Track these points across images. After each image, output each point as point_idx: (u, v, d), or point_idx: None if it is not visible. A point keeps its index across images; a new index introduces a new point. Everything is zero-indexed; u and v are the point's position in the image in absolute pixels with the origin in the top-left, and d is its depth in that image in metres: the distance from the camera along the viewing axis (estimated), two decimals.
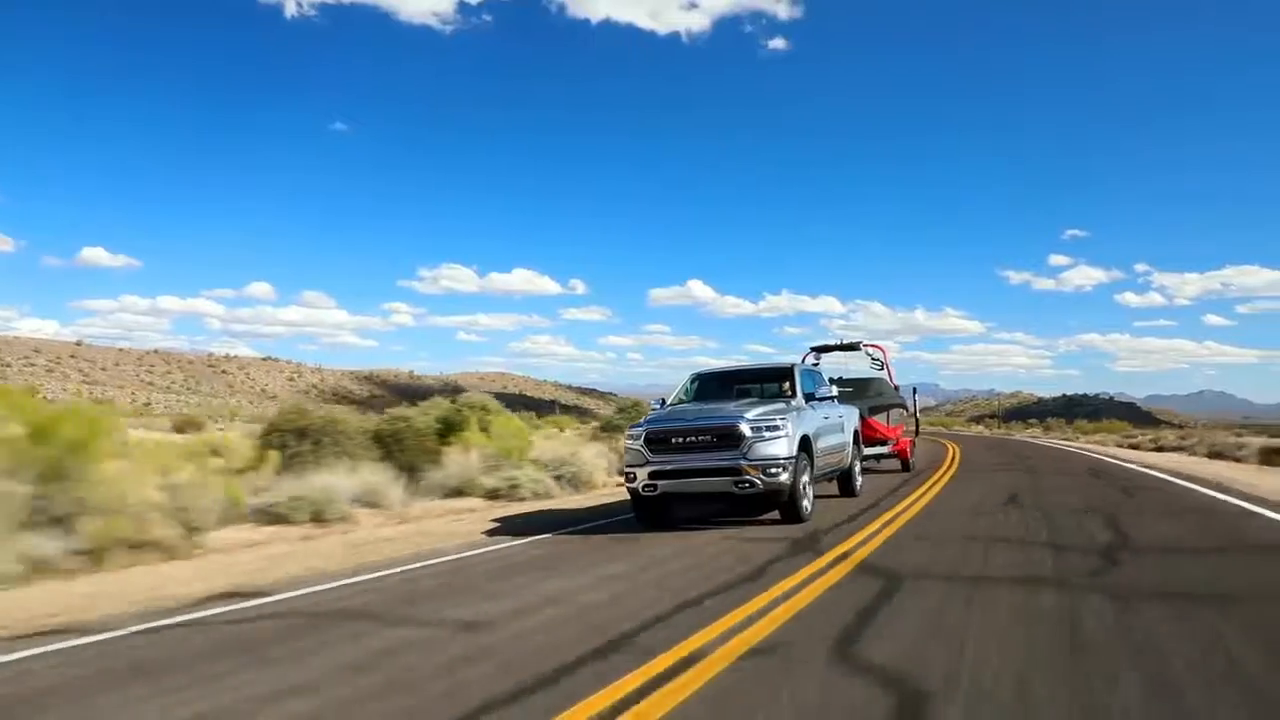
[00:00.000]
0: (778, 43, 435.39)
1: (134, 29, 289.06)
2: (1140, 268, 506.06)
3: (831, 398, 10.52)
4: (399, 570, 6.75)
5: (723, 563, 6.34)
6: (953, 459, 20.25)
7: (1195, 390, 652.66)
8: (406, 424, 19.48)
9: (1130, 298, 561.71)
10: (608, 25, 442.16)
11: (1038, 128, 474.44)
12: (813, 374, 11.30)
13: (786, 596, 4.92)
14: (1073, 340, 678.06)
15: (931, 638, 3.93)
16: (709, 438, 8.60)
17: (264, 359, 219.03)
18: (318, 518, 10.92)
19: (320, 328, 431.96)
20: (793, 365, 10.75)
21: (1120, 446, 32.28)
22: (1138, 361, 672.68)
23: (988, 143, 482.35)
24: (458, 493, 14.12)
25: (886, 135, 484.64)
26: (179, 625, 4.95)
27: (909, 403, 18.16)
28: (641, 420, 9.65)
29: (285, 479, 12.31)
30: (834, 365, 17.62)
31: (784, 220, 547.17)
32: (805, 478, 8.86)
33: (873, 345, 18.27)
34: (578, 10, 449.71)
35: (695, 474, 8.58)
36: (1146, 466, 17.61)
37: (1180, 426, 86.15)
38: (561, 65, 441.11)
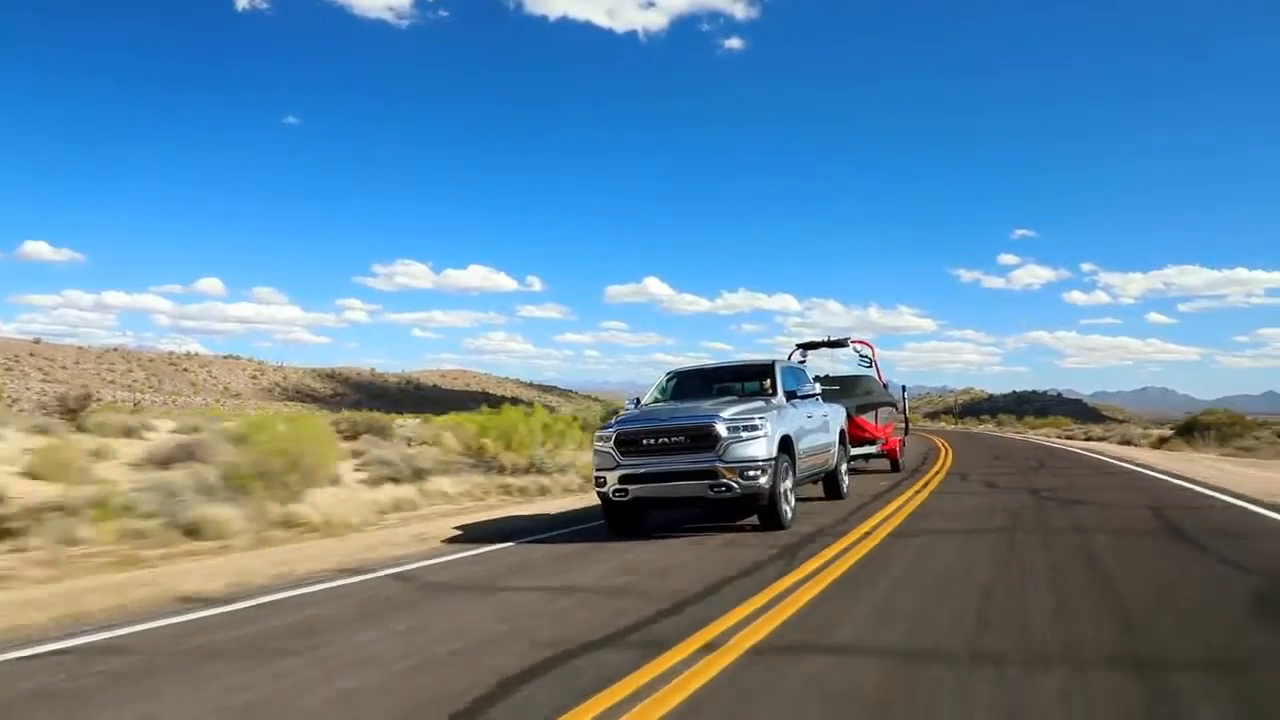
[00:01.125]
0: (734, 42, 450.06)
1: (80, 21, 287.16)
2: (1087, 267, 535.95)
3: (814, 395, 10.46)
4: None
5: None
6: (946, 446, 30.59)
7: (1139, 387, 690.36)
8: (571, 422, 29.47)
9: (1077, 296, 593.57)
10: (565, 22, 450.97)
11: (988, 129, 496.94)
12: (796, 371, 11.29)
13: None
14: (1022, 338, 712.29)
15: (990, 472, 14.10)
16: (682, 439, 8.44)
17: (225, 357, 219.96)
18: None
19: (272, 324, 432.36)
20: (774, 362, 10.52)
21: (1059, 437, 43.40)
22: (1084, 359, 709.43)
23: (940, 143, 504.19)
24: None
25: (840, 136, 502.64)
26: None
27: (898, 401, 18.37)
28: (612, 421, 9.52)
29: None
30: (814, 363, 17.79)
31: (741, 218, 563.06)
32: (786, 481, 8.75)
33: (860, 342, 18.42)
34: (535, 7, 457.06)
35: (668, 478, 8.41)
36: (1070, 447, 28.35)
37: (1123, 422, 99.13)
38: (518, 61, 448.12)
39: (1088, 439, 40.08)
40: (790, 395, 9.78)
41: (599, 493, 8.84)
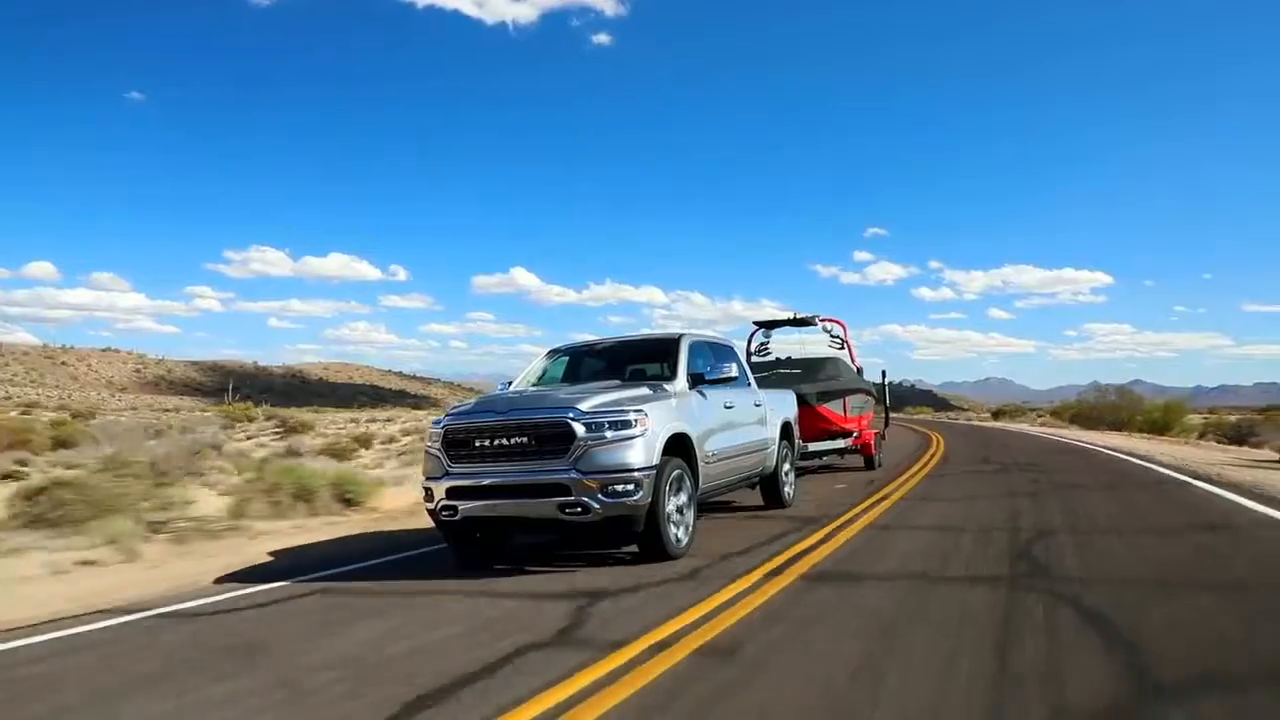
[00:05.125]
0: (603, 38, 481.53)
1: None
2: (934, 264, 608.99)
3: (732, 379, 8.48)
4: None
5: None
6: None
7: (982, 377, 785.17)
8: None
9: (925, 292, 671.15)
10: (432, 11, 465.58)
11: (843, 132, 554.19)
12: (715, 348, 9.31)
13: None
14: (877, 330, 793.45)
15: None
16: (526, 439, 6.77)
17: (104, 350, 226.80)
18: None
19: (112, 312, 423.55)
20: (680, 336, 8.68)
21: (930, 417, 79.08)
22: (933, 351, 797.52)
23: (800, 141, 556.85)
24: None
25: (705, 134, 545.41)
26: None
27: (875, 388, 16.61)
28: (444, 414, 7.65)
29: None
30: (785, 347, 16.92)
31: (608, 210, 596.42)
32: (678, 497, 7.13)
33: (831, 320, 16.94)
34: None
35: (508, 492, 6.77)
36: (942, 419, 62.91)
37: (965, 410, 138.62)
38: (383, 47, 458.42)
39: (946, 419, 75.84)
40: (696, 379, 8.08)
41: (427, 509, 7.19)
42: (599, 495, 6.46)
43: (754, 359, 15.49)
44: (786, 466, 10.15)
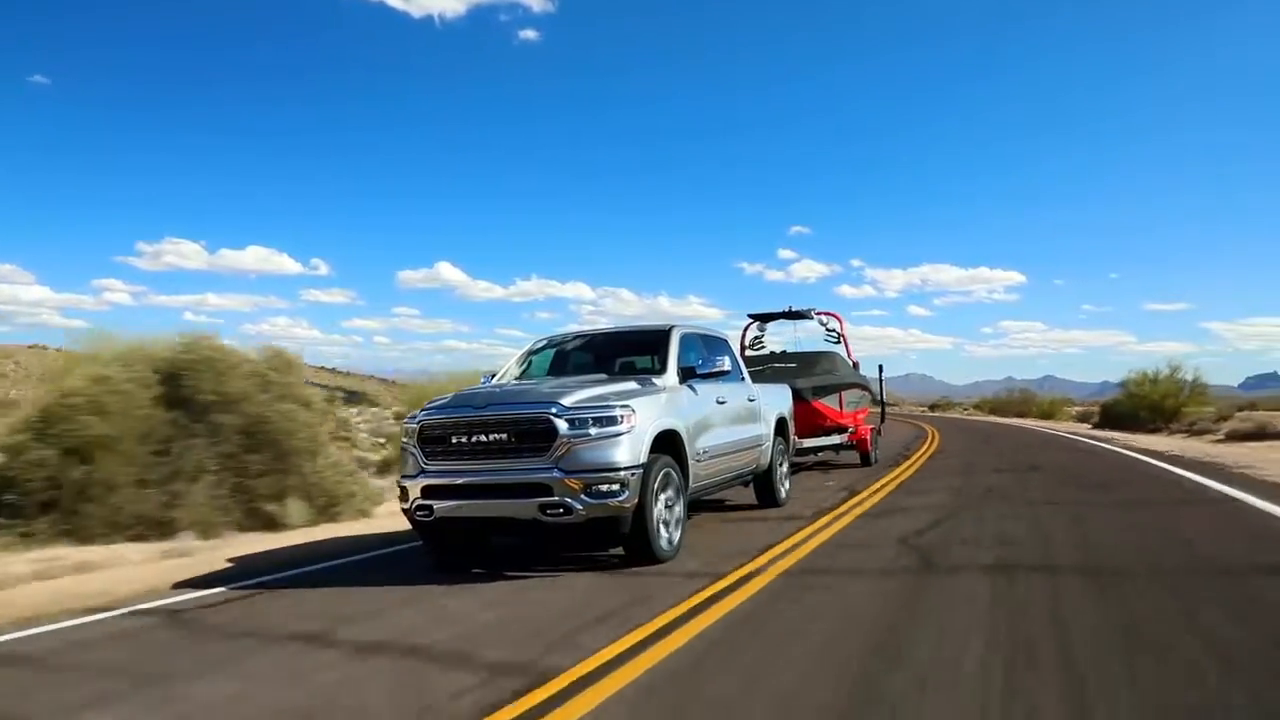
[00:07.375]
0: (529, 33, 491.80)
1: None
2: (855, 263, 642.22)
3: (724, 373, 8.52)
4: None
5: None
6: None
7: (904, 373, 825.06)
8: None
9: (848, 289, 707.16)
10: (357, 2, 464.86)
11: (770, 130, 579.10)
12: (708, 340, 9.33)
13: None
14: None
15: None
16: (505, 436, 6.74)
17: (30, 346, 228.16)
18: None
19: (15, 305, 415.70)
20: (670, 328, 8.63)
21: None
22: (856, 349, 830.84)
23: (726, 142, 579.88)
24: None
25: (632, 131, 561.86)
26: None
27: (871, 383, 17.08)
28: (420, 409, 7.46)
29: None
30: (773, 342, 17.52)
31: (534, 206, 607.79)
32: (669, 495, 7.11)
33: (827, 313, 17.29)
34: None
35: (485, 492, 6.76)
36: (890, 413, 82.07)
37: (895, 405, 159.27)
38: (307, 37, 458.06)
39: (896, 412, 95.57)
40: (687, 373, 8.08)
41: (402, 509, 7.23)
42: (582, 495, 6.38)
43: (748, 353, 16.03)
44: (781, 464, 10.24)
